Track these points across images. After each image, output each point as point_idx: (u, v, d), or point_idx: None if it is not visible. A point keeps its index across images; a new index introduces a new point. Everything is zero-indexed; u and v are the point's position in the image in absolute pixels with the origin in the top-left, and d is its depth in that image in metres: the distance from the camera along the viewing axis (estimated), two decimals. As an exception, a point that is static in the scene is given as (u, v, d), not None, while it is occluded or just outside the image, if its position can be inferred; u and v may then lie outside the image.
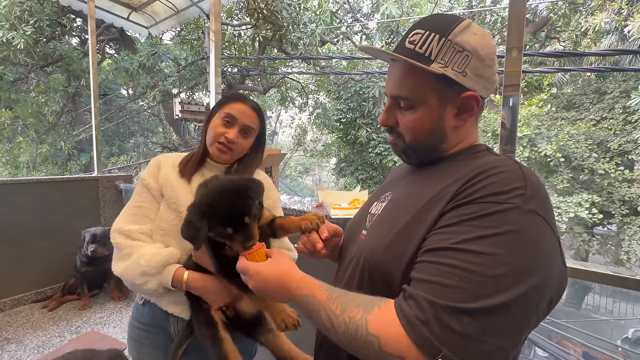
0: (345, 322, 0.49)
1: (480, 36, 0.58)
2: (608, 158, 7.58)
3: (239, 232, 0.69)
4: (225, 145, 0.94)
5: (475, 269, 0.44)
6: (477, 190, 0.49)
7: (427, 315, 0.44)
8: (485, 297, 0.43)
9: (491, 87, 0.61)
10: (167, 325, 0.94)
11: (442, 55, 0.56)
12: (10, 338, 2.27)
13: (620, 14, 7.57)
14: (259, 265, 0.63)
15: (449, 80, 0.57)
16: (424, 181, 0.62)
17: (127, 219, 0.95)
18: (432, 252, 0.49)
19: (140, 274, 0.85)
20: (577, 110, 8.66)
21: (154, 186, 0.96)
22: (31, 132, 8.10)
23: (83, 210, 3.02)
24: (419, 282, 0.48)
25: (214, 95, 2.10)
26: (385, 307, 0.49)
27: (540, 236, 0.46)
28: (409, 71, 0.59)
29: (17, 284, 2.69)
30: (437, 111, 0.60)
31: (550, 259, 0.47)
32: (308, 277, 0.59)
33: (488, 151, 0.62)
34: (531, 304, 0.45)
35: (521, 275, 0.44)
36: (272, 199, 1.03)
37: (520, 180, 0.48)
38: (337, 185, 11.97)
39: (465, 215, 0.49)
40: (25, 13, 5.55)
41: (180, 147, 9.09)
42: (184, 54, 7.64)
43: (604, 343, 3.72)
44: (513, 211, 0.46)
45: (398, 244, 0.56)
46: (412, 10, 8.52)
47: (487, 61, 0.58)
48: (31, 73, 7.48)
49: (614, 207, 7.28)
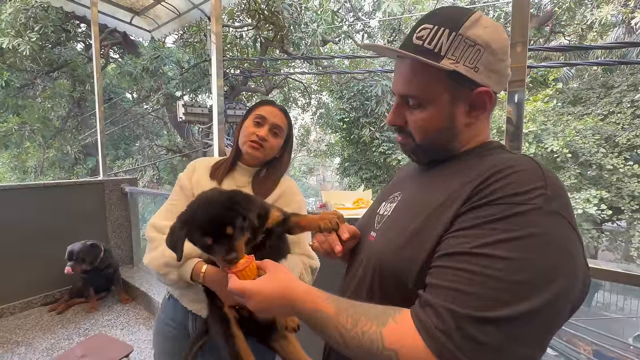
0: (358, 337, 0.46)
1: (492, 29, 0.55)
2: (616, 153, 7.46)
3: (219, 243, 0.66)
4: (257, 142, 0.99)
5: (497, 275, 0.42)
6: (494, 190, 0.47)
7: (447, 325, 0.42)
8: (509, 305, 0.40)
9: (504, 82, 0.58)
10: (187, 322, 0.98)
11: (453, 50, 0.54)
12: (20, 341, 2.30)
13: (627, 6, 7.44)
14: (258, 283, 0.58)
15: (461, 77, 0.54)
16: (435, 181, 0.60)
17: (161, 216, 1.00)
18: (449, 257, 0.47)
19: (164, 264, 0.89)
20: (583, 105, 8.54)
21: (188, 186, 1.02)
22: (38, 137, 8.21)
23: (89, 214, 3.05)
24: (436, 289, 0.46)
25: (216, 97, 2.11)
26: (401, 319, 0.46)
27: (564, 238, 0.44)
28: (417, 68, 0.57)
29: (26, 287, 2.72)
30: (448, 109, 0.57)
31: (575, 262, 0.44)
32: (312, 289, 0.56)
33: (502, 149, 0.59)
34: (557, 310, 0.43)
35: (546, 280, 0.42)
36: (297, 203, 1.05)
37: (541, 179, 0.46)
38: (342, 184, 11.95)
39: (483, 217, 0.46)
40: (30, 20, 5.63)
41: (184, 149, 9.15)
42: (187, 56, 7.68)
43: (616, 341, 3.65)
44: (535, 212, 0.44)
45: (410, 247, 0.53)
46: (413, 8, 8.48)
47: (499, 55, 0.55)
48: (37, 79, 7.58)
49: (624, 203, 7.16)
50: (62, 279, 2.85)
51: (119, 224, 3.26)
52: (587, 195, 6.97)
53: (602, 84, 8.47)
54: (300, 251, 0.99)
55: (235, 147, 1.06)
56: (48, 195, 2.85)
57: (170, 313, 1.02)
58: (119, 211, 3.27)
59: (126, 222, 3.32)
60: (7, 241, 2.61)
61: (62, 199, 2.92)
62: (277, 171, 1.06)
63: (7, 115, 7.75)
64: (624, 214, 7.23)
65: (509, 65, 0.58)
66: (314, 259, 1.01)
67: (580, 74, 9.56)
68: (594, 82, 8.79)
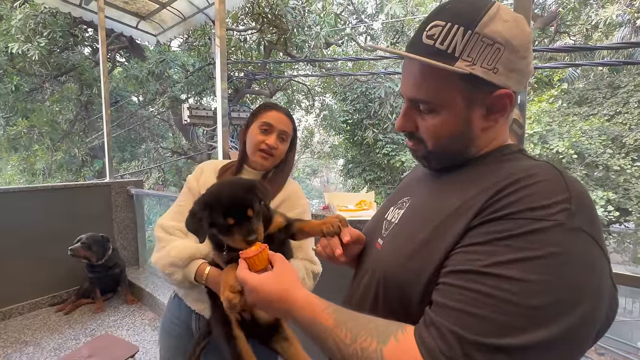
0: (356, 354, 0.43)
1: (513, 23, 0.48)
2: (623, 154, 7.36)
3: (241, 224, 0.68)
4: (267, 151, 1.00)
5: (509, 298, 0.38)
6: (511, 203, 0.42)
7: (453, 351, 0.38)
8: (524, 332, 0.36)
9: (525, 80, 0.52)
10: (191, 322, 1.00)
11: (469, 51, 0.47)
12: (28, 341, 2.34)
13: (632, 6, 7.37)
14: (259, 280, 0.56)
15: (478, 80, 0.48)
16: (447, 187, 0.55)
17: (169, 216, 1.02)
18: (457, 274, 0.43)
19: (169, 264, 0.91)
20: (589, 105, 8.45)
21: (196, 188, 1.04)
22: (46, 140, 8.34)
23: (96, 216, 3.10)
24: (442, 308, 0.42)
25: (221, 100, 2.13)
26: (404, 338, 0.42)
27: (588, 258, 0.39)
28: (428, 71, 0.50)
29: (34, 288, 2.77)
30: (464, 114, 0.51)
31: (600, 283, 0.40)
32: (312, 297, 0.52)
33: (521, 153, 0.53)
34: (579, 338, 0.39)
35: (568, 305, 0.37)
36: (302, 208, 1.05)
37: (564, 191, 0.41)
38: (345, 186, 11.94)
39: (497, 233, 0.41)
40: (39, 25, 5.74)
41: (189, 151, 9.23)
42: (192, 60, 7.77)
43: (624, 345, 3.60)
44: (556, 229, 0.39)
45: (417, 259, 0.50)
46: (416, 10, 8.48)
47: (521, 52, 0.48)
48: (45, 83, 7.71)
49: (631, 204, 7.06)
50: (70, 279, 2.89)
51: (125, 226, 3.30)
52: (594, 196, 6.89)
53: (609, 84, 8.38)
54: (303, 256, 1.00)
55: (242, 151, 1.06)
56: (56, 198, 2.90)
57: (176, 311, 1.04)
58: (125, 213, 3.31)
59: (132, 223, 3.36)
60: (16, 242, 2.66)
61: (69, 201, 2.97)
62: (282, 174, 1.07)
63: (17, 119, 7.89)
64: (632, 215, 7.13)
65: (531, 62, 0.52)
66: (316, 264, 1.01)
67: (585, 74, 9.47)
68: (600, 82, 8.69)
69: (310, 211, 1.10)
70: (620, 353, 3.14)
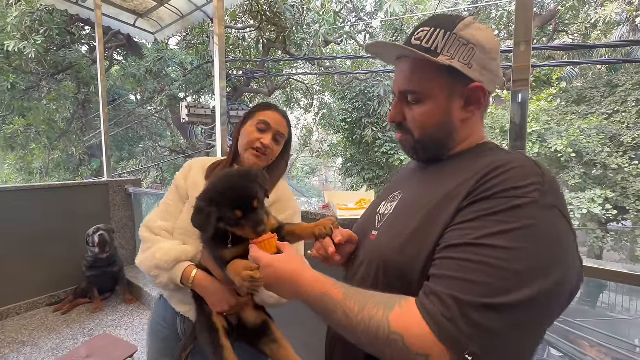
0: (364, 321, 0.48)
1: (485, 31, 0.60)
2: (621, 152, 7.38)
3: (249, 216, 0.68)
4: (260, 150, 0.97)
5: (499, 264, 0.44)
6: (494, 185, 0.49)
7: (452, 312, 0.43)
8: (511, 292, 0.42)
9: (497, 81, 0.62)
10: (177, 323, 0.98)
11: (448, 48, 0.58)
12: (25, 341, 2.32)
13: (631, 4, 7.38)
14: (273, 258, 0.62)
15: (456, 72, 0.58)
16: (435, 179, 0.62)
17: (155, 216, 1.00)
18: (452, 248, 0.49)
19: (154, 266, 0.89)
20: (587, 104, 8.47)
21: (183, 187, 1.02)
22: (43, 138, 8.29)
23: (94, 215, 3.08)
24: (440, 279, 0.47)
25: (219, 98, 2.12)
26: (407, 305, 0.48)
27: (559, 230, 0.47)
28: (416, 65, 0.61)
29: (32, 287, 2.75)
30: (445, 103, 0.60)
31: (570, 252, 0.47)
32: (321, 275, 0.57)
33: (497, 148, 0.62)
34: (555, 298, 0.45)
35: (545, 268, 0.44)
36: (293, 210, 1.04)
37: (537, 175, 0.48)
38: (344, 185, 11.94)
39: (484, 210, 0.48)
40: (36, 23, 5.68)
41: (187, 150, 9.19)
42: (190, 58, 7.72)
43: (622, 343, 3.62)
44: (532, 205, 0.46)
45: (413, 243, 0.55)
46: (415, 8, 8.46)
47: (492, 54, 0.59)
48: (42, 81, 7.65)
49: (629, 203, 7.09)
50: (67, 279, 2.88)
51: (123, 225, 3.28)
52: (592, 195, 6.91)
53: (607, 83, 8.39)
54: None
55: (234, 149, 1.04)
56: (53, 197, 2.88)
57: (162, 313, 1.01)
58: (123, 212, 3.29)
59: (130, 222, 3.35)
60: (13, 242, 2.64)
61: (66, 200, 2.95)
62: (273, 176, 1.03)
63: (13, 118, 7.83)
64: (630, 213, 7.16)
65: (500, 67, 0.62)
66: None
67: (584, 72, 9.49)
68: (598, 81, 8.71)
69: (300, 213, 1.08)
70: (619, 350, 3.16)
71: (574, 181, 7.22)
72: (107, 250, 2.71)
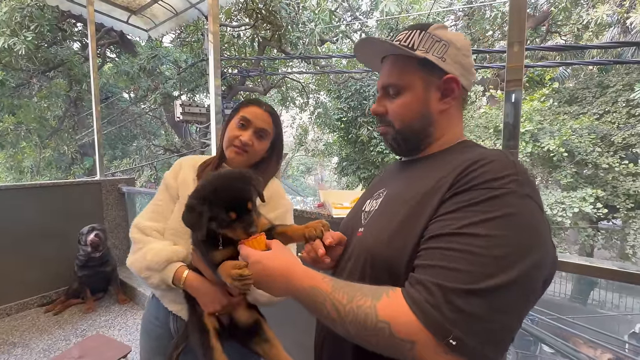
0: (353, 311, 0.49)
1: (455, 34, 0.66)
2: (612, 152, 7.49)
3: (242, 218, 0.68)
4: (240, 147, 0.96)
5: (479, 251, 0.46)
6: (473, 178, 0.52)
7: (436, 299, 0.45)
8: (491, 277, 0.44)
9: (470, 77, 0.67)
10: (169, 322, 0.97)
11: (423, 43, 0.64)
12: (16, 342, 2.29)
13: (622, 6, 7.49)
14: (261, 254, 0.63)
15: (431, 65, 0.63)
16: (418, 174, 0.64)
17: (145, 216, 0.98)
18: (435, 239, 0.51)
19: (145, 267, 0.88)
20: (579, 104, 8.58)
21: (173, 186, 1.00)
22: (34, 137, 8.15)
23: (86, 214, 3.04)
24: (425, 268, 0.49)
25: (214, 96, 2.10)
26: (394, 294, 0.49)
27: (535, 218, 0.49)
28: (396, 61, 0.67)
29: (23, 288, 2.71)
30: (423, 94, 0.65)
31: (544, 239, 0.49)
32: (310, 270, 0.59)
33: (476, 145, 0.66)
34: (532, 282, 0.47)
35: (522, 254, 0.46)
36: (285, 208, 1.02)
37: (512, 167, 0.51)
38: (339, 184, 11.96)
39: (464, 201, 0.50)
40: (26, 19, 5.58)
41: (182, 149, 9.12)
42: (184, 56, 7.65)
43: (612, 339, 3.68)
44: (510, 195, 0.49)
45: (399, 236, 0.57)
46: (411, 7, 8.48)
47: (464, 51, 0.65)
48: (33, 78, 7.52)
49: (619, 201, 7.20)
50: (59, 279, 2.84)
51: (116, 224, 3.25)
52: (583, 194, 7.00)
53: (598, 84, 8.51)
54: None
55: (221, 147, 1.02)
56: (44, 196, 2.84)
57: (154, 311, 1.01)
58: (116, 211, 3.25)
59: (123, 222, 3.31)
60: (3, 242, 2.59)
61: (58, 199, 2.91)
62: (263, 175, 1.01)
63: (3, 115, 7.68)
64: (620, 212, 7.27)
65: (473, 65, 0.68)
66: None
67: (576, 73, 9.61)
68: (590, 81, 8.82)
69: (292, 211, 1.07)
70: (609, 346, 3.22)
71: (566, 180, 7.32)
72: (101, 249, 2.68)
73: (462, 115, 0.71)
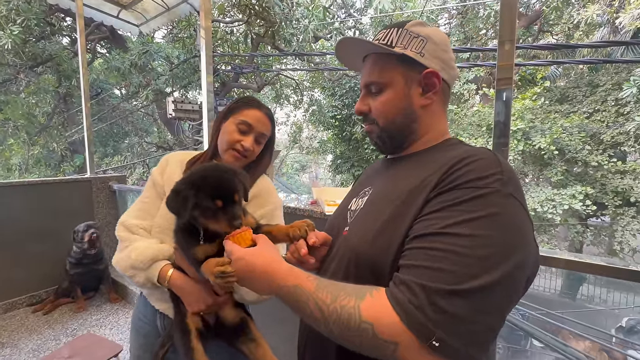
0: (336, 311, 0.48)
1: (432, 28, 0.66)
2: (601, 150, 7.63)
3: (228, 208, 0.67)
4: (241, 152, 0.94)
5: (463, 251, 0.45)
6: (458, 177, 0.51)
7: (420, 300, 0.44)
8: (475, 278, 0.44)
9: (451, 72, 0.66)
10: (156, 320, 0.97)
11: (401, 40, 0.64)
12: (4, 342, 2.25)
13: (611, 6, 7.60)
14: (245, 251, 0.61)
15: (411, 61, 0.63)
16: (404, 173, 0.64)
17: (132, 214, 0.97)
18: (419, 239, 0.50)
19: (130, 266, 0.87)
20: (570, 103, 8.71)
21: (160, 182, 0.98)
22: (22, 133, 7.97)
23: (76, 212, 2.99)
24: (409, 268, 0.49)
25: (207, 93, 2.08)
26: (377, 295, 0.48)
27: (519, 218, 0.49)
28: (376, 59, 0.67)
29: (11, 287, 2.66)
30: (404, 90, 0.65)
31: (527, 238, 0.49)
32: (294, 268, 0.57)
33: (461, 143, 0.66)
34: (516, 282, 0.47)
35: (506, 254, 0.46)
36: (274, 205, 1.01)
37: (497, 166, 0.51)
38: (334, 181, 11.97)
39: (449, 201, 0.50)
40: (12, 12, 5.43)
41: (175, 146, 9.01)
42: (176, 52, 7.54)
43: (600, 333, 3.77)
44: (494, 195, 0.48)
45: (384, 235, 0.56)
46: (405, 5, 8.49)
47: (441, 46, 0.65)
48: (20, 74, 7.35)
49: (607, 199, 7.35)
50: (48, 279, 2.80)
51: (107, 222, 3.20)
52: (573, 191, 7.13)
53: (588, 83, 8.64)
54: None
55: (213, 146, 1.00)
56: (33, 194, 2.78)
57: (143, 309, 1.01)
58: (107, 209, 3.21)
59: (114, 220, 3.27)
60: (-10, 241, 2.54)
61: (48, 197, 2.85)
62: (253, 173, 1.00)
63: (-11, 111, 7.51)
64: (608, 209, 7.42)
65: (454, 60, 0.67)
66: None
67: (567, 72, 9.74)
68: (580, 80, 8.95)
69: (281, 208, 1.06)
70: (597, 341, 3.30)
71: (556, 178, 7.43)
72: (97, 246, 2.66)
73: (447, 112, 0.70)
